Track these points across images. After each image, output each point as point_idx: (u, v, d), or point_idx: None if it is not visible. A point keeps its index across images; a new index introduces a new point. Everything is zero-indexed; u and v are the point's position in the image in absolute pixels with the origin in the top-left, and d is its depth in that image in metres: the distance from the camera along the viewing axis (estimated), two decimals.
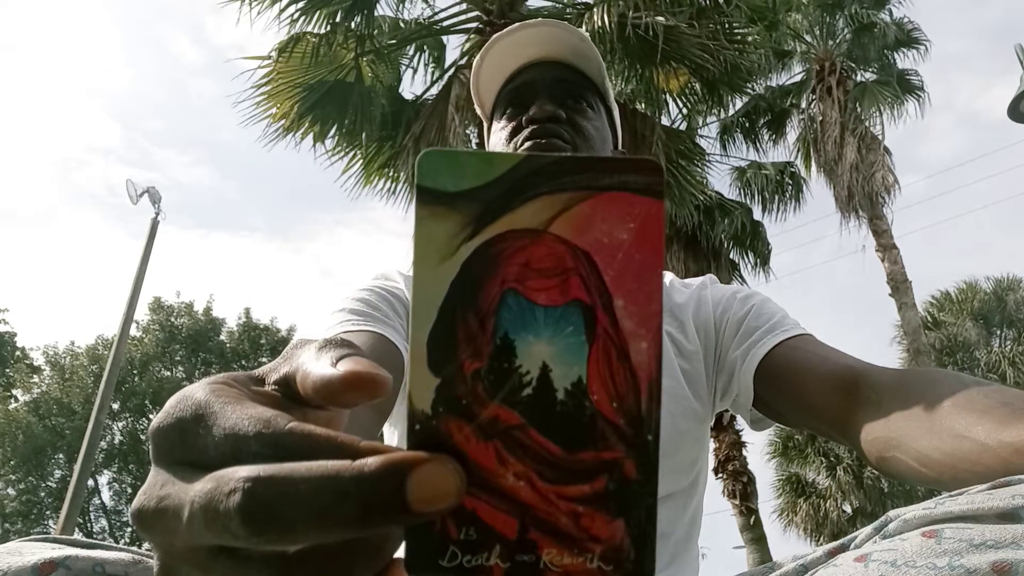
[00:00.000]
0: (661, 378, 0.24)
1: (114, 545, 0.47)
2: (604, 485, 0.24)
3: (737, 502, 8.13)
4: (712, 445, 7.90)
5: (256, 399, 0.27)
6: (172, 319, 17.05)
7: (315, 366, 0.26)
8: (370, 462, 0.22)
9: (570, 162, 0.24)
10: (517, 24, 0.89)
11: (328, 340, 0.28)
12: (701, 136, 7.11)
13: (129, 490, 16.06)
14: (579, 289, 0.24)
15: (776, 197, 9.47)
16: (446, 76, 6.18)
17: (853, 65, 10.74)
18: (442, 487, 0.22)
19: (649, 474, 0.24)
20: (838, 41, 10.64)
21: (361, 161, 6.38)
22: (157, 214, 10.18)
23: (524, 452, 0.24)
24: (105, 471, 16.14)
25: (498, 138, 0.88)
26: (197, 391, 0.26)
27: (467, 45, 6.26)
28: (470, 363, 0.24)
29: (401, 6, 6.40)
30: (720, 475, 8.16)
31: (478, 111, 0.96)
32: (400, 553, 0.24)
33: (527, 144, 0.82)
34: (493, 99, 0.92)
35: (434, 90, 6.29)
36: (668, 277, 0.94)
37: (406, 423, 0.24)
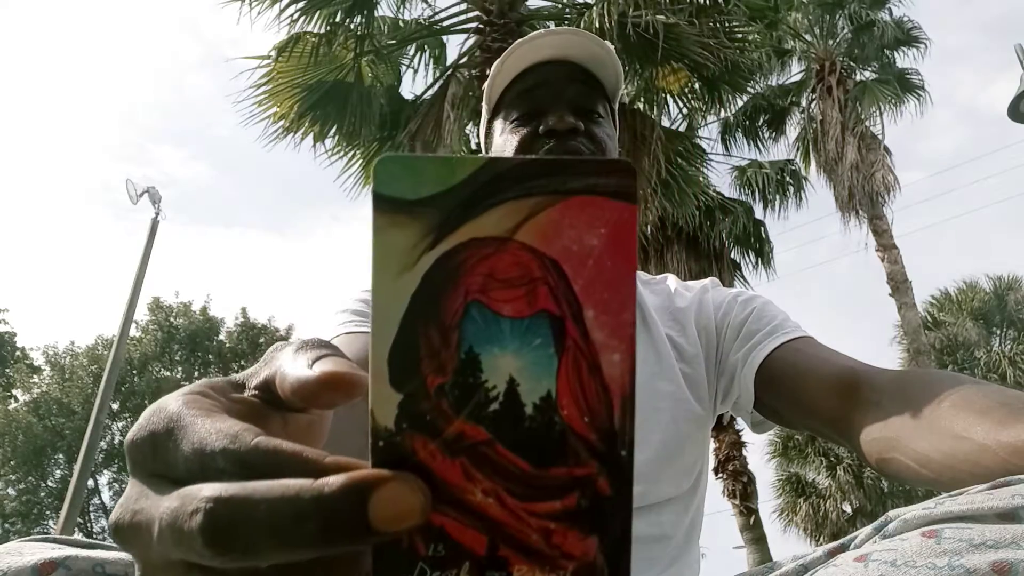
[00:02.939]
0: (634, 391, 0.23)
1: (114, 545, 0.47)
2: (576, 502, 0.23)
3: (737, 502, 8.13)
4: (712, 445, 7.89)
5: (232, 408, 0.27)
6: (171, 319, 17.05)
7: (291, 368, 0.26)
8: (331, 481, 0.21)
9: (536, 165, 0.23)
10: (542, 31, 0.88)
11: (305, 342, 0.28)
12: (701, 137, 7.12)
13: None
14: (547, 299, 0.23)
15: (777, 196, 9.47)
16: (445, 76, 6.18)
17: (853, 64, 10.74)
18: (405, 506, 0.21)
19: (623, 490, 0.23)
20: (838, 40, 10.64)
21: (361, 161, 6.38)
22: (157, 214, 10.18)
23: (492, 469, 0.23)
24: (105, 471, 16.14)
25: (507, 139, 0.86)
26: (171, 403, 0.26)
27: (467, 45, 6.26)
28: (434, 378, 0.23)
29: (401, 6, 6.40)
30: (720, 475, 8.16)
31: (483, 107, 0.94)
32: None
33: None
34: (500, 94, 0.90)
35: (434, 90, 6.29)
36: (670, 280, 0.94)
37: (369, 440, 0.23)
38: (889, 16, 10.71)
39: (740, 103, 9.06)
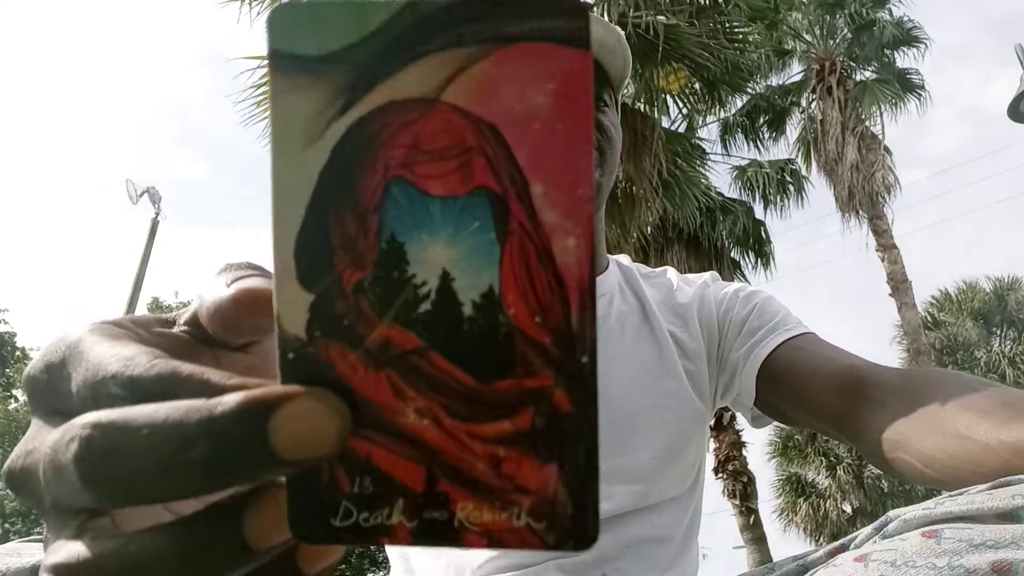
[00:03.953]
0: (594, 284, 0.19)
1: None
2: (530, 421, 0.19)
3: (737, 502, 8.12)
4: (712, 445, 7.90)
5: (152, 342, 0.23)
6: None
7: (210, 291, 0.24)
8: (227, 400, 0.18)
9: (466, 5, 0.19)
10: None
11: (229, 264, 0.25)
12: (700, 139, 7.12)
13: None
14: (485, 173, 0.19)
15: (777, 196, 9.47)
16: None
17: (853, 64, 10.75)
18: (314, 427, 0.18)
19: (586, 406, 0.19)
20: (838, 40, 10.64)
21: None
22: (157, 214, 10.19)
23: (426, 382, 0.19)
24: None
25: None
26: (74, 330, 0.23)
27: None
28: (351, 273, 0.19)
29: None
30: (720, 475, 8.15)
31: None
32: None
33: None
34: None
35: None
36: (670, 273, 0.94)
37: (277, 352, 0.19)
38: (889, 16, 10.72)
39: (740, 103, 9.07)
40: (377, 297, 0.19)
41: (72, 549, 0.20)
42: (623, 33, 0.86)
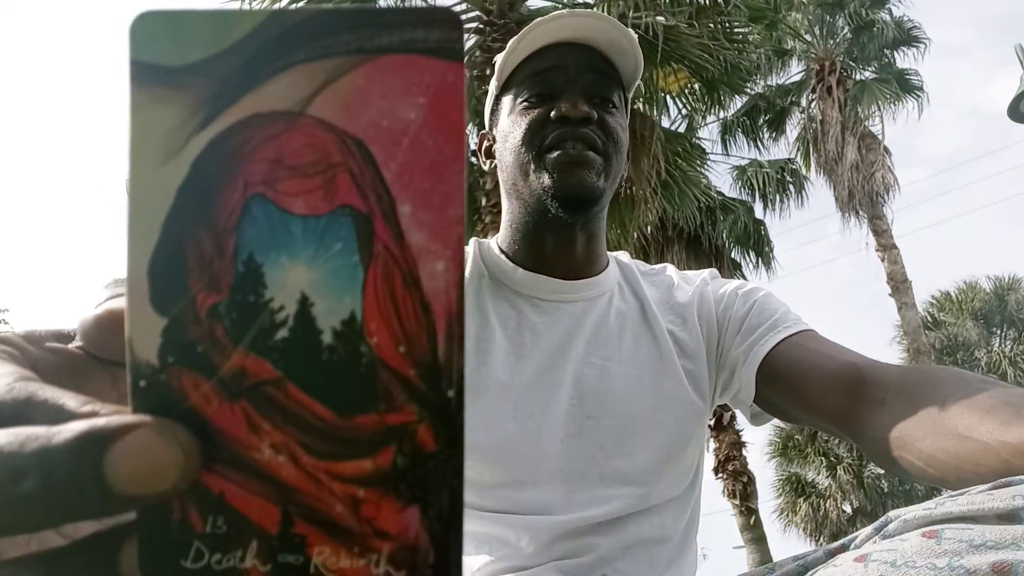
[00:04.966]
0: (464, 312, 0.18)
1: None
2: (391, 460, 0.18)
3: (737, 502, 8.12)
4: (712, 445, 7.90)
5: (42, 359, 0.23)
6: None
7: (86, 311, 0.23)
8: (66, 429, 0.17)
9: (334, 16, 0.18)
10: (564, 11, 0.84)
11: (116, 279, 0.25)
12: (700, 138, 7.12)
13: None
14: (349, 191, 0.18)
15: (777, 195, 9.48)
16: None
17: (853, 64, 10.77)
18: (155, 463, 0.17)
19: (452, 444, 0.18)
20: (838, 40, 10.66)
21: None
22: None
23: (282, 416, 0.18)
24: None
25: (515, 120, 0.82)
26: None
27: (467, 45, 6.27)
28: (205, 296, 0.18)
29: (401, 6, 6.41)
30: (720, 475, 8.16)
31: (492, 84, 0.90)
32: None
33: (556, 152, 0.78)
34: (512, 70, 0.85)
35: None
36: (670, 271, 0.93)
37: (128, 379, 0.18)
38: (889, 16, 10.74)
39: (740, 103, 9.07)
40: (232, 322, 0.18)
41: None
42: (636, 36, 0.84)
